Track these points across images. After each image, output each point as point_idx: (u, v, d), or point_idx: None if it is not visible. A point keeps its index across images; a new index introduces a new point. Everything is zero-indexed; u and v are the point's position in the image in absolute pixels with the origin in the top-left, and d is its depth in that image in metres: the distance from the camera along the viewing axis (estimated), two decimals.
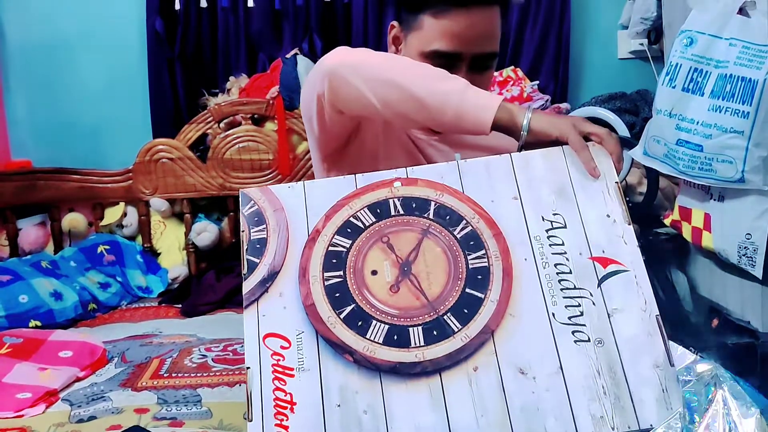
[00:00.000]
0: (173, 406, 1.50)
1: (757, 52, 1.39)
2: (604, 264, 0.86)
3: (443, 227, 0.89)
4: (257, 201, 0.93)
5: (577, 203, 0.90)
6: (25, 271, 2.23)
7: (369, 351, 0.82)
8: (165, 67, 2.73)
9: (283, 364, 0.83)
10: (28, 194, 2.60)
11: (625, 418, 0.78)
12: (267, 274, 0.88)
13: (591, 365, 0.81)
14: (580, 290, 0.85)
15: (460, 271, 0.87)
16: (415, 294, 0.86)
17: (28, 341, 1.78)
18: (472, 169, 0.93)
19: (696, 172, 1.46)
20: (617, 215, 0.89)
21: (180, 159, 2.60)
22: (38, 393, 1.54)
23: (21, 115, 2.79)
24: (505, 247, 0.88)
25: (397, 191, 0.92)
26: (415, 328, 0.83)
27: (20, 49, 2.77)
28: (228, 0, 2.70)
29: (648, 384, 0.80)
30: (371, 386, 0.81)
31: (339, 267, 0.88)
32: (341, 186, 0.93)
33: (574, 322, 0.83)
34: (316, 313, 0.85)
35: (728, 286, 1.64)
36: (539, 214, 0.89)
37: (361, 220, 0.90)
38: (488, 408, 0.79)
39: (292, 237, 0.90)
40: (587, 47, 2.81)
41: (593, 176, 0.90)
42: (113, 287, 2.42)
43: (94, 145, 2.78)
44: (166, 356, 1.80)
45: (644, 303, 0.84)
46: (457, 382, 0.81)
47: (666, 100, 1.50)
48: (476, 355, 0.82)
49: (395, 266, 0.88)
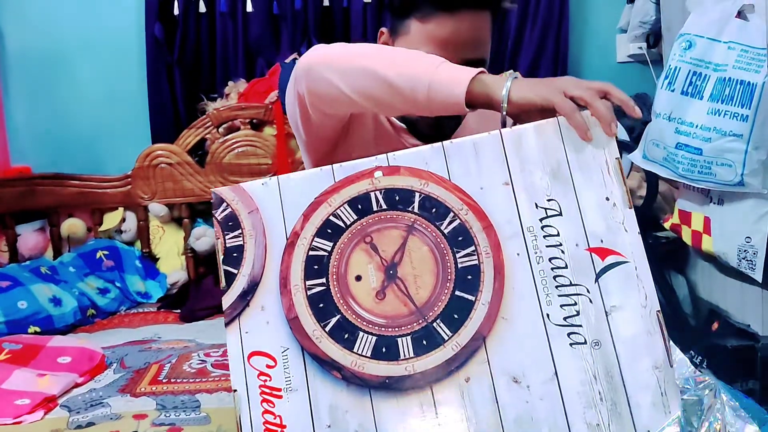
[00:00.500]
0: (172, 411, 1.49)
1: (756, 55, 1.39)
2: (603, 255, 0.80)
3: (429, 222, 0.83)
4: (230, 202, 0.86)
5: (573, 186, 0.82)
6: (25, 277, 2.22)
7: (357, 366, 0.79)
8: (164, 73, 2.73)
9: (270, 384, 0.80)
10: (27, 200, 2.60)
11: (622, 425, 0.75)
12: (247, 285, 0.83)
13: (587, 370, 0.77)
14: (576, 287, 0.80)
15: (449, 272, 0.81)
16: (402, 300, 0.81)
17: (27, 347, 1.77)
18: (459, 152, 0.84)
19: (695, 176, 1.46)
20: (617, 198, 0.82)
21: (179, 164, 2.60)
22: (37, 399, 1.53)
23: (20, 121, 2.79)
24: (496, 242, 0.81)
25: (379, 182, 0.84)
26: (404, 338, 0.80)
27: (20, 55, 2.76)
28: (226, 5, 2.70)
29: (646, 388, 0.76)
30: (361, 404, 0.78)
31: (321, 274, 0.82)
32: (319, 179, 0.85)
33: (570, 323, 0.79)
34: (301, 327, 0.81)
35: (728, 290, 1.64)
36: (533, 201, 0.82)
37: (341, 219, 0.84)
38: (481, 421, 0.77)
39: (270, 241, 0.84)
40: (586, 51, 2.81)
41: (585, 140, 0.82)
42: (112, 293, 2.42)
43: (93, 150, 2.78)
44: (165, 362, 1.79)
45: (644, 298, 0.79)
46: (448, 395, 0.78)
47: (665, 104, 1.50)
48: (468, 364, 0.78)
49: (380, 270, 0.82)
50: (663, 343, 0.78)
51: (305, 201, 0.84)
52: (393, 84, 0.95)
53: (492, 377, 0.78)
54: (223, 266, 0.84)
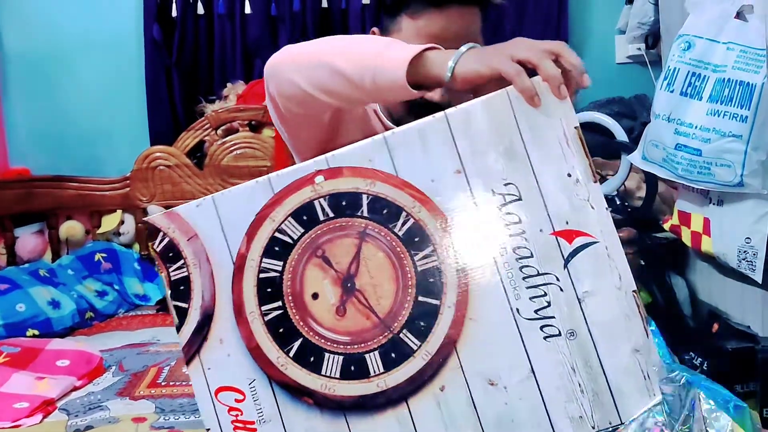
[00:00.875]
0: (171, 414, 1.49)
1: (755, 56, 1.39)
2: (569, 238, 0.74)
3: (382, 225, 0.76)
4: (167, 231, 0.79)
5: (531, 165, 0.74)
6: (23, 280, 2.22)
7: (328, 389, 0.75)
8: (162, 74, 2.73)
9: (242, 419, 0.77)
10: (26, 202, 2.60)
11: (606, 414, 0.72)
12: (200, 319, 0.78)
13: (565, 362, 0.73)
14: (544, 276, 0.74)
15: (409, 277, 0.76)
16: (364, 313, 0.76)
17: (25, 350, 1.77)
18: (403, 142, 0.76)
19: (695, 177, 1.46)
20: (580, 172, 0.74)
21: (177, 166, 2.60)
22: (35, 403, 1.53)
23: (19, 122, 2.78)
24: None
25: (321, 188, 0.77)
26: (372, 354, 0.75)
27: (18, 56, 2.76)
28: (225, 7, 2.70)
29: (628, 373, 0.73)
30: (338, 427, 0.75)
31: (276, 296, 0.77)
32: (257, 193, 0.78)
33: (542, 315, 0.73)
34: (264, 356, 0.76)
35: (728, 291, 1.64)
36: (489, 187, 0.75)
37: (287, 234, 0.77)
38: (461, 429, 0.74)
39: (216, 268, 0.78)
40: (585, 52, 2.80)
41: (533, 106, 0.74)
42: (110, 295, 2.41)
43: (92, 152, 2.77)
44: (164, 364, 1.79)
45: (618, 279, 0.73)
46: (424, 407, 0.74)
47: (664, 105, 1.50)
48: (441, 372, 0.74)
49: (337, 284, 0.77)
50: (642, 325, 0.73)
51: (246, 219, 0.78)
52: (345, 74, 0.90)
53: (467, 383, 0.74)
54: (173, 302, 0.79)
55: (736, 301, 1.60)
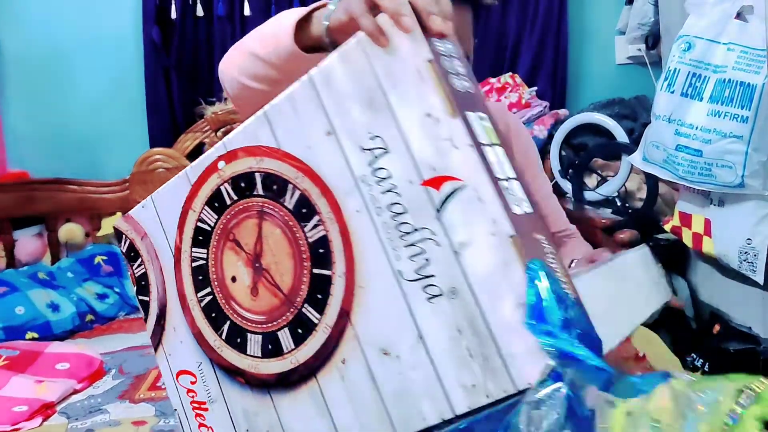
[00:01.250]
0: (171, 417, 1.48)
1: (755, 56, 1.39)
2: (437, 185, 0.65)
3: (274, 201, 0.75)
4: (126, 233, 0.88)
5: (392, 111, 0.67)
6: (22, 283, 2.21)
7: (253, 368, 0.78)
8: (162, 77, 2.73)
9: (197, 399, 0.83)
10: (25, 205, 2.59)
11: (499, 382, 0.62)
12: (158, 310, 0.85)
13: (450, 324, 0.64)
14: (420, 231, 0.66)
15: (303, 249, 0.73)
16: (272, 291, 0.76)
17: (24, 353, 1.77)
18: (279, 113, 0.74)
19: (696, 178, 1.45)
20: (438, 109, 0.65)
21: (177, 168, 2.59)
22: (35, 406, 1.52)
23: (18, 125, 2.78)
24: (335, 203, 0.71)
25: (224, 173, 0.79)
26: (283, 331, 0.76)
27: (17, 59, 2.76)
28: (224, 9, 2.70)
29: (515, 331, 0.61)
30: (265, 405, 0.78)
31: (205, 283, 0.82)
32: (179, 186, 0.83)
33: (423, 274, 0.66)
34: (204, 340, 0.82)
35: (729, 292, 1.64)
36: (357, 144, 0.69)
37: (206, 222, 0.81)
38: (365, 402, 0.70)
39: (163, 263, 0.85)
40: (585, 53, 2.81)
41: (380, 46, 0.67)
42: (111, 298, 2.40)
43: (91, 155, 2.78)
44: None
45: (492, 224, 0.63)
46: (331, 382, 0.73)
47: (665, 106, 1.50)
48: (341, 345, 0.71)
49: (248, 265, 0.78)
50: (521, 272, 0.62)
51: (177, 212, 0.83)
52: (259, 56, 0.91)
53: (364, 354, 0.70)
54: (138, 296, 0.87)
55: (738, 303, 1.60)
